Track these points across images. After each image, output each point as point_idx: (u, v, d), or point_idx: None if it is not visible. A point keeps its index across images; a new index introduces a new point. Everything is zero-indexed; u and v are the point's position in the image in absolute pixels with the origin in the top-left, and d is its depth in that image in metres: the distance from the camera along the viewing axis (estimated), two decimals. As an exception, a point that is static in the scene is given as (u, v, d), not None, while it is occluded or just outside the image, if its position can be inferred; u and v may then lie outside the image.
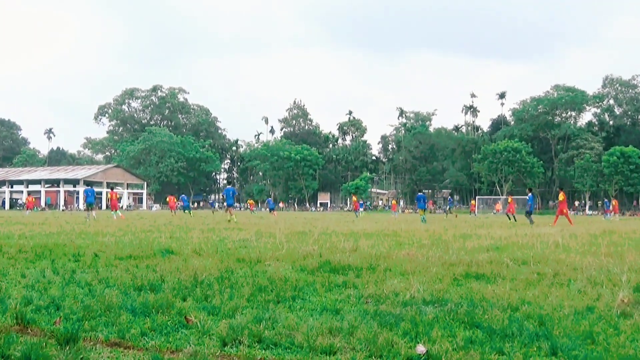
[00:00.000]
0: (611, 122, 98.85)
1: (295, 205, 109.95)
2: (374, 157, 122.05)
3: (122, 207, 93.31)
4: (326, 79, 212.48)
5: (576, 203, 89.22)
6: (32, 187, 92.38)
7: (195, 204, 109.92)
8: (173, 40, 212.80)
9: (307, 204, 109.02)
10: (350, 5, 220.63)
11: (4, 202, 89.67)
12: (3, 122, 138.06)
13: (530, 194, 29.64)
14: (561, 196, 27.95)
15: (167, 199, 51.01)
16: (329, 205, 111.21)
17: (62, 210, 75.16)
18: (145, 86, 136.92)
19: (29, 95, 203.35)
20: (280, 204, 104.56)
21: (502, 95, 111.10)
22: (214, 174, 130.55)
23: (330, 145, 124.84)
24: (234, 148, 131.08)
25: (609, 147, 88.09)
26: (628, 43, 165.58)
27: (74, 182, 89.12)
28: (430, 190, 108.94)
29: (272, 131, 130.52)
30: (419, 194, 33.06)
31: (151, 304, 5.02)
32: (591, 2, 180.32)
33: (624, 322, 4.63)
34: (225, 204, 28.52)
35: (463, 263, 8.12)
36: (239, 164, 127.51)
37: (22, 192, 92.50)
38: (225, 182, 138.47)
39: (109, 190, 36.95)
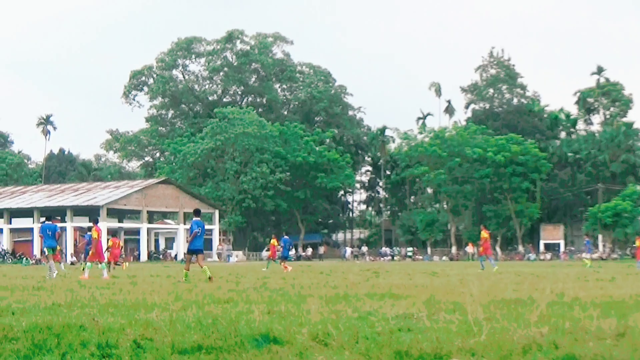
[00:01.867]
0: None
1: (498, 248, 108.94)
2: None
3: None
4: (548, 9, 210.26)
5: None
6: (17, 223, 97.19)
7: (310, 250, 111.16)
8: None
9: (520, 246, 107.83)
10: None
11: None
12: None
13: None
14: None
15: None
16: (561, 247, 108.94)
17: (72, 263, 78.91)
18: (214, 34, 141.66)
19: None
20: (469, 247, 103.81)
21: None
22: (342, 193, 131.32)
23: (563, 134, 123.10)
24: (379, 144, 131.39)
25: None
26: None
27: (92, 211, 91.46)
28: None
29: (448, 110, 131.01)
30: None
31: None
32: None
33: None
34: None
35: None
36: (387, 172, 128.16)
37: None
38: (364, 206, 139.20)
39: (92, 224, 37.29)
